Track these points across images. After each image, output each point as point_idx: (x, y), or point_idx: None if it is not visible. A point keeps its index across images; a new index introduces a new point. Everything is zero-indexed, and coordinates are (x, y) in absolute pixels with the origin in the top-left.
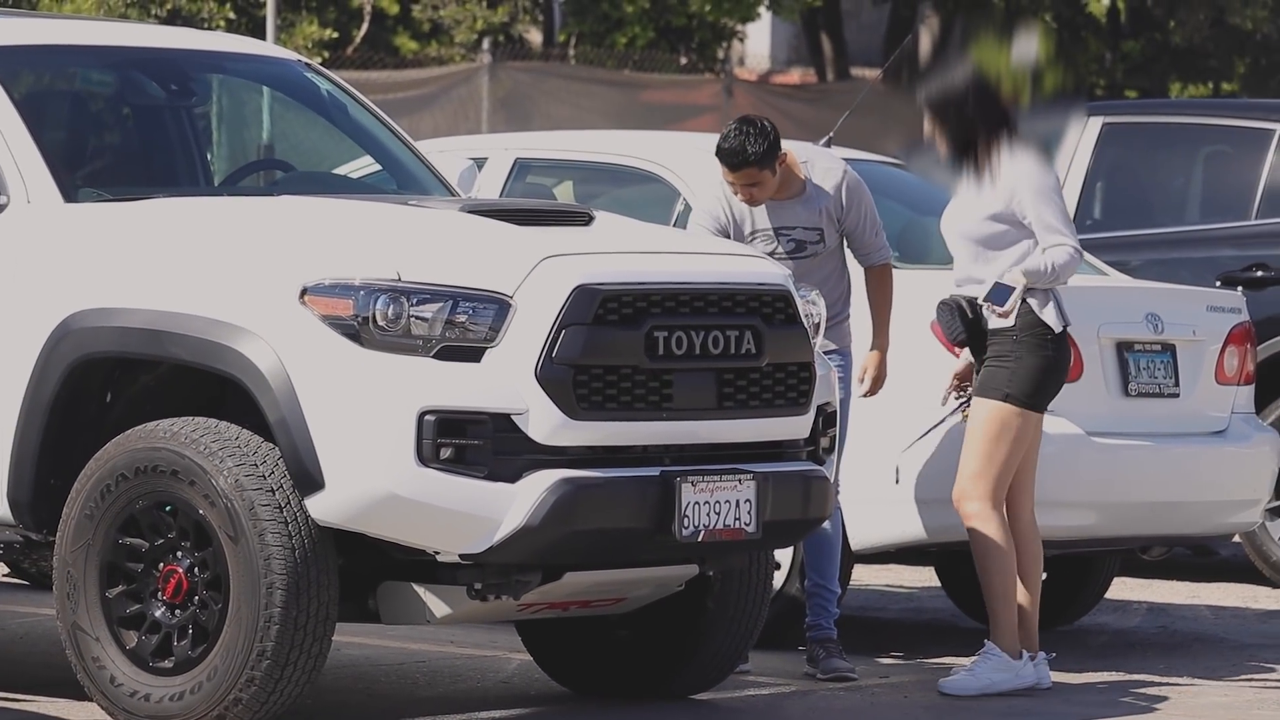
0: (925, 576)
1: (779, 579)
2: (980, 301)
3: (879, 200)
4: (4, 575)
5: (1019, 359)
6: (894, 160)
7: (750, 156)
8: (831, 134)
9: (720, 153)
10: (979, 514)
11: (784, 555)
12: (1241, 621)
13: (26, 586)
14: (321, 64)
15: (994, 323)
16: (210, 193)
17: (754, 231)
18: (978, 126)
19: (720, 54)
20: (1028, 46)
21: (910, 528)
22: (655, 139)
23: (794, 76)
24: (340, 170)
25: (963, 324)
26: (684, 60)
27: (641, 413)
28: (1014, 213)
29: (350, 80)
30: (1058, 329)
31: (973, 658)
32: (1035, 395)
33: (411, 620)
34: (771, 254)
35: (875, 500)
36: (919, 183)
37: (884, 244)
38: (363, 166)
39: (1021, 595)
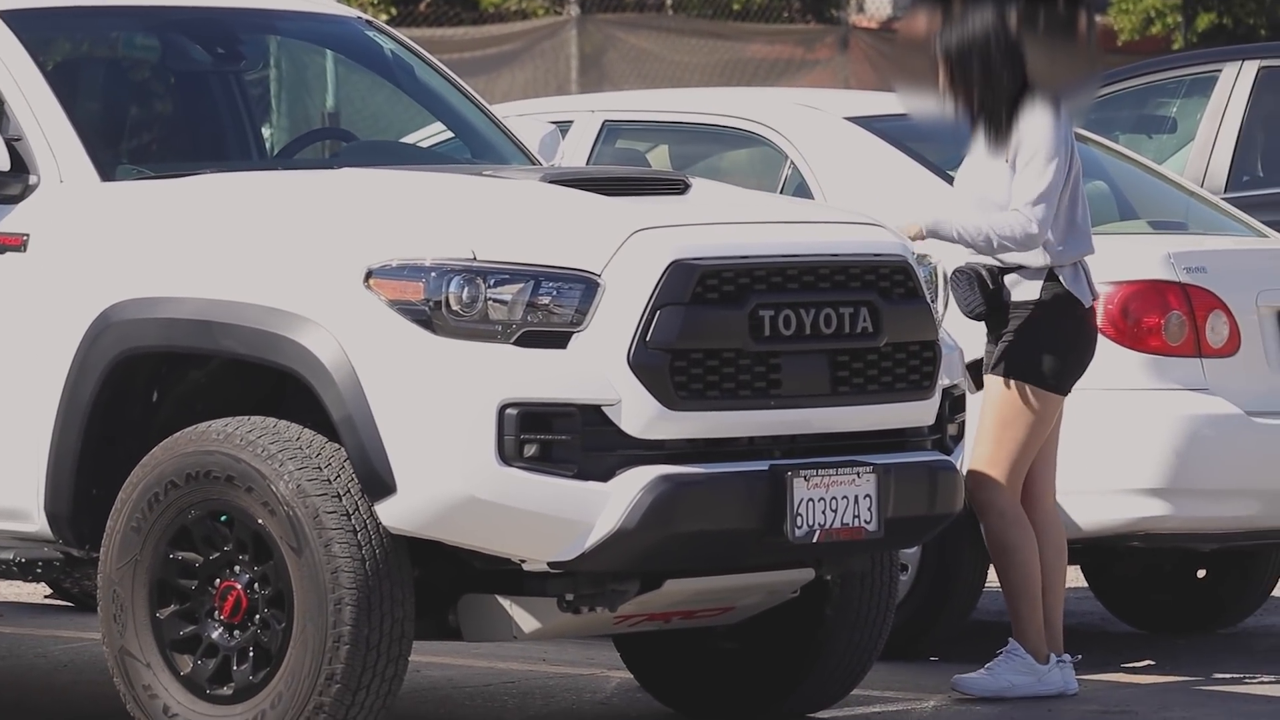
0: (1071, 576)
1: (904, 583)
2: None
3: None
4: (45, 596)
5: (1042, 334)
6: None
7: None
8: None
9: None
10: (992, 504)
11: (909, 556)
12: None
13: (69, 608)
14: (390, 21)
15: (1018, 294)
16: (264, 167)
17: None
18: (1002, 87)
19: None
20: None
21: None
22: (759, 96)
23: None
24: (408, 139)
25: (982, 295)
26: (797, 9)
27: (747, 401)
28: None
29: (423, 38)
30: (1086, 303)
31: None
32: (1058, 375)
33: (497, 637)
34: None
35: None
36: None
37: None
38: (433, 134)
39: (1045, 592)
